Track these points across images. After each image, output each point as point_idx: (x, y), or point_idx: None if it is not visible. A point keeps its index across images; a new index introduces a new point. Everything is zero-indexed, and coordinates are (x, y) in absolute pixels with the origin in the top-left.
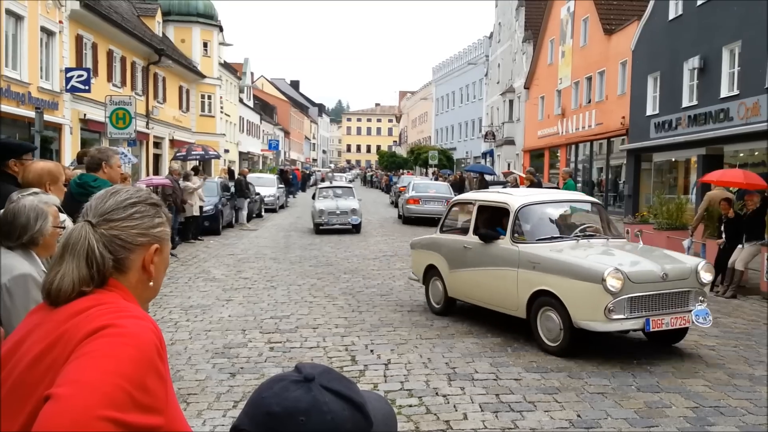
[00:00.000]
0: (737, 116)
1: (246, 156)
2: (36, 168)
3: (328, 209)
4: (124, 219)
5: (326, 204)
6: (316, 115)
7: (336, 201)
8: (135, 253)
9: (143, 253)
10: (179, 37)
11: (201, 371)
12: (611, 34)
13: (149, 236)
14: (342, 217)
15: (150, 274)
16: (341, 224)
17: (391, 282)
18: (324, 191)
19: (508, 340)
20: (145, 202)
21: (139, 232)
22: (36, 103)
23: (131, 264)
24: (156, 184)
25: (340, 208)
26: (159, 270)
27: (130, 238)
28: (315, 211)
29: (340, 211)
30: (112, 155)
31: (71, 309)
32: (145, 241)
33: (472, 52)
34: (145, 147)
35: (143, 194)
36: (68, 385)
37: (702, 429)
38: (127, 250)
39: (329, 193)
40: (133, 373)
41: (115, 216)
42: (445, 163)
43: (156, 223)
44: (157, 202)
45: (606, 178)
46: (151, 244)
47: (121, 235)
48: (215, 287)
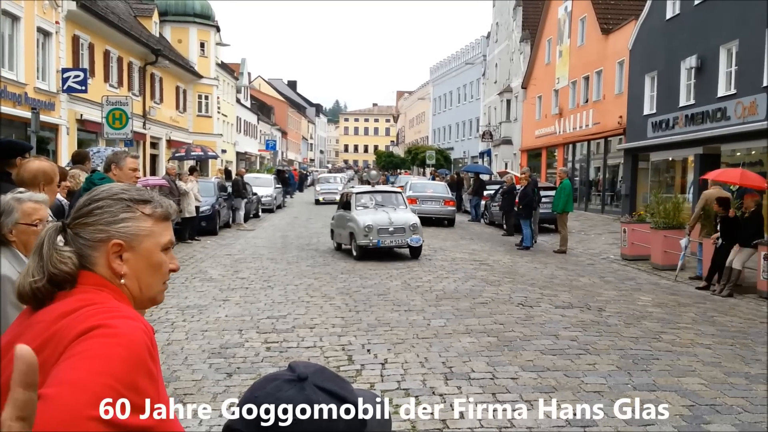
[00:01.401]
0: (734, 115)
1: (243, 156)
2: (31, 167)
3: (378, 224)
4: (86, 215)
5: (374, 217)
6: (314, 116)
7: (386, 213)
8: (97, 250)
9: (105, 250)
10: (176, 37)
11: (197, 371)
12: (608, 33)
13: (108, 232)
14: (398, 236)
15: (116, 271)
16: (397, 246)
17: (388, 282)
18: (362, 198)
19: (505, 340)
20: (112, 198)
21: (97, 228)
22: (32, 103)
23: (96, 261)
24: (153, 185)
25: (395, 223)
26: (137, 269)
27: (88, 235)
28: (358, 228)
29: (394, 227)
30: (123, 157)
31: (61, 309)
32: (104, 237)
33: (470, 51)
34: (142, 147)
35: (115, 189)
36: (58, 386)
37: (698, 427)
38: (89, 247)
39: (369, 201)
40: (124, 373)
41: (80, 213)
42: (442, 163)
43: (120, 219)
44: (130, 198)
45: (603, 177)
46: (110, 240)
47: (81, 232)
48: (212, 287)
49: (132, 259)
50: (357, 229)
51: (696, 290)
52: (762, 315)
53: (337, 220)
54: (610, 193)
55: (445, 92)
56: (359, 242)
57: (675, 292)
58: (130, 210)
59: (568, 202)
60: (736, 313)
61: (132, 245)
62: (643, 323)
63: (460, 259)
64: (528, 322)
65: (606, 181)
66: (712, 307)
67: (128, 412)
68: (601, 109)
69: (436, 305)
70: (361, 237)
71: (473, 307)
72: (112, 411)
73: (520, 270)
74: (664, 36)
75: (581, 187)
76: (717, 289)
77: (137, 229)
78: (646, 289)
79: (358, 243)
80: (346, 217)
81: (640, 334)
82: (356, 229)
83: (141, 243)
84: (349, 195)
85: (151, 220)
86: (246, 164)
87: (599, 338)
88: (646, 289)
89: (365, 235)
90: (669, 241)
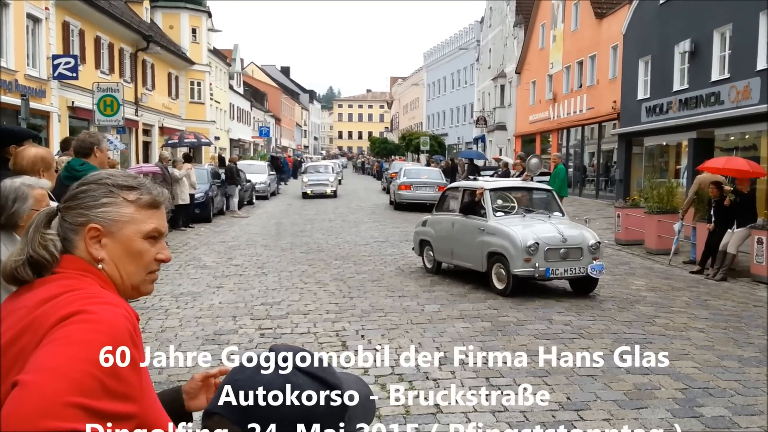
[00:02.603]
0: (728, 99)
1: (237, 143)
2: (29, 154)
3: (546, 241)
4: (71, 199)
5: (536, 231)
6: (307, 102)
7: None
8: (77, 233)
9: (83, 234)
10: (167, 23)
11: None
12: (602, 18)
13: (87, 216)
14: (573, 263)
15: (92, 256)
16: (572, 276)
17: (382, 268)
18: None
19: (499, 325)
20: (97, 182)
21: (77, 212)
22: (23, 90)
23: (76, 244)
24: (146, 172)
25: (568, 240)
26: (115, 255)
27: (70, 218)
28: (513, 248)
29: (567, 247)
30: (102, 139)
31: (42, 295)
32: (83, 220)
33: (463, 37)
34: (134, 134)
35: (102, 175)
36: (36, 372)
37: (691, 410)
38: (71, 231)
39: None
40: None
41: (67, 197)
42: (436, 149)
43: (100, 203)
44: (114, 183)
45: (597, 162)
46: (88, 224)
47: (65, 215)
48: (206, 274)
49: (110, 244)
50: (511, 249)
51: (690, 274)
52: (755, 299)
53: (440, 228)
54: (605, 179)
55: (439, 78)
56: (516, 269)
57: (669, 276)
58: (111, 195)
59: (562, 187)
60: (729, 297)
61: (111, 230)
62: (637, 307)
63: None
64: (522, 307)
65: (600, 167)
66: (705, 291)
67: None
68: (595, 94)
69: (429, 291)
70: (520, 262)
71: (467, 292)
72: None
73: None
74: (658, 20)
75: (575, 172)
76: (710, 273)
77: (117, 215)
78: (639, 274)
79: (513, 270)
80: (477, 227)
81: (634, 318)
82: (509, 248)
83: (120, 229)
84: (476, 192)
85: (134, 206)
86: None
87: (593, 322)
88: (640, 274)
89: (527, 260)
90: (663, 226)
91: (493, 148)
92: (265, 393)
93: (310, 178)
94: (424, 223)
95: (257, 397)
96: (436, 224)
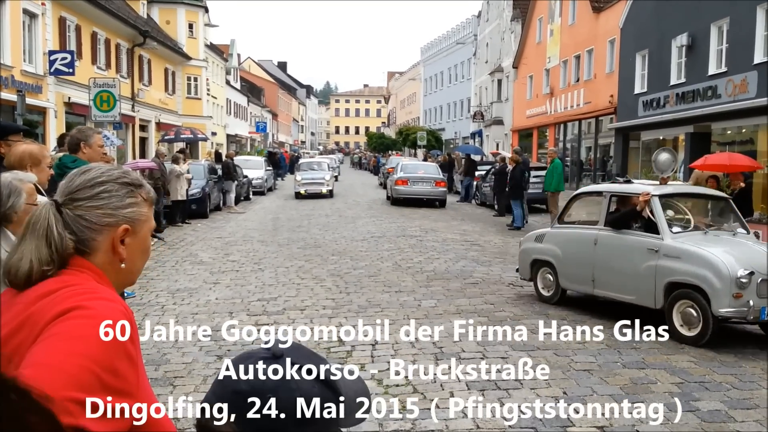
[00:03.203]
0: (725, 93)
1: (234, 138)
2: (17, 151)
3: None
4: (90, 198)
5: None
6: (304, 97)
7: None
8: (102, 234)
9: (111, 234)
10: (164, 18)
11: (188, 354)
12: (600, 12)
13: (116, 216)
14: None
15: (120, 256)
16: None
17: (379, 263)
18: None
19: (495, 320)
20: (116, 182)
21: (105, 212)
22: (19, 86)
23: (97, 245)
24: (142, 168)
25: None
26: (133, 252)
27: (95, 218)
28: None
29: None
30: (91, 135)
31: (39, 291)
32: (112, 221)
33: (461, 31)
34: (131, 130)
35: (115, 173)
36: (33, 367)
37: (687, 404)
38: (93, 231)
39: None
40: (102, 355)
41: (81, 195)
42: (433, 144)
43: (127, 203)
44: (131, 182)
45: (594, 156)
46: (119, 225)
47: (85, 215)
48: (202, 270)
49: (131, 243)
50: (714, 281)
51: None
52: None
53: (572, 246)
54: (601, 173)
55: (436, 72)
56: (721, 309)
57: None
58: (133, 195)
59: (559, 181)
60: None
61: (135, 230)
62: None
63: (451, 239)
64: (518, 302)
65: (597, 161)
66: None
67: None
68: (592, 88)
69: (426, 286)
70: (727, 298)
71: (464, 287)
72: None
73: (511, 250)
74: (655, 14)
75: (572, 166)
76: None
77: (140, 214)
78: None
79: (717, 310)
80: (644, 248)
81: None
82: (710, 279)
83: (141, 228)
84: (634, 199)
85: (147, 204)
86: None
87: (589, 317)
88: None
89: (737, 296)
90: None
91: (491, 143)
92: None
93: (304, 176)
94: (539, 238)
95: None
96: (564, 241)
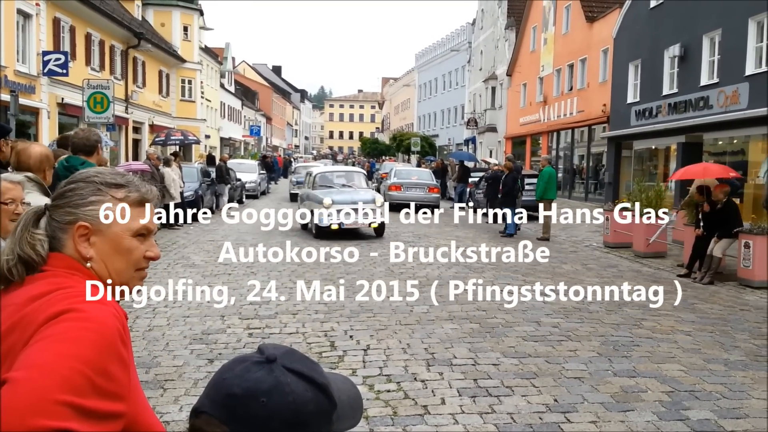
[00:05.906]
0: (717, 104)
1: (227, 142)
2: (35, 153)
3: None
4: (59, 197)
5: None
6: (299, 101)
7: None
8: (66, 232)
9: (71, 232)
10: (159, 20)
11: (179, 357)
12: (593, 21)
13: (75, 214)
14: None
15: (82, 254)
16: None
17: (371, 268)
18: None
19: (487, 326)
20: (85, 180)
21: (66, 210)
22: (12, 86)
23: (64, 243)
24: (135, 170)
25: None
26: (103, 252)
27: (59, 217)
28: None
29: None
30: (101, 137)
31: (31, 293)
32: (72, 219)
33: (455, 38)
34: (124, 132)
35: (90, 173)
36: (25, 369)
37: (677, 413)
38: (60, 230)
39: None
40: (94, 358)
41: (56, 195)
42: (427, 150)
43: (88, 201)
44: (102, 181)
45: (587, 165)
46: (76, 223)
47: (54, 214)
48: (194, 273)
49: (99, 242)
50: None
51: (677, 278)
52: (742, 302)
53: None
54: (594, 182)
55: (431, 79)
56: None
57: (656, 279)
58: (99, 193)
59: (548, 189)
60: (716, 301)
61: (99, 228)
62: (624, 310)
63: (444, 245)
64: (510, 309)
65: (590, 169)
66: (692, 295)
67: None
68: (585, 97)
69: (419, 291)
70: None
71: (456, 293)
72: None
73: (503, 257)
74: (648, 24)
75: (565, 174)
76: (698, 277)
77: (105, 213)
78: (627, 277)
79: None
80: None
81: (621, 321)
82: None
83: (109, 227)
84: None
85: (127, 204)
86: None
87: (581, 325)
88: (628, 277)
89: None
90: (651, 229)
91: (484, 150)
92: (254, 392)
93: (335, 198)
94: None
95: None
96: None
